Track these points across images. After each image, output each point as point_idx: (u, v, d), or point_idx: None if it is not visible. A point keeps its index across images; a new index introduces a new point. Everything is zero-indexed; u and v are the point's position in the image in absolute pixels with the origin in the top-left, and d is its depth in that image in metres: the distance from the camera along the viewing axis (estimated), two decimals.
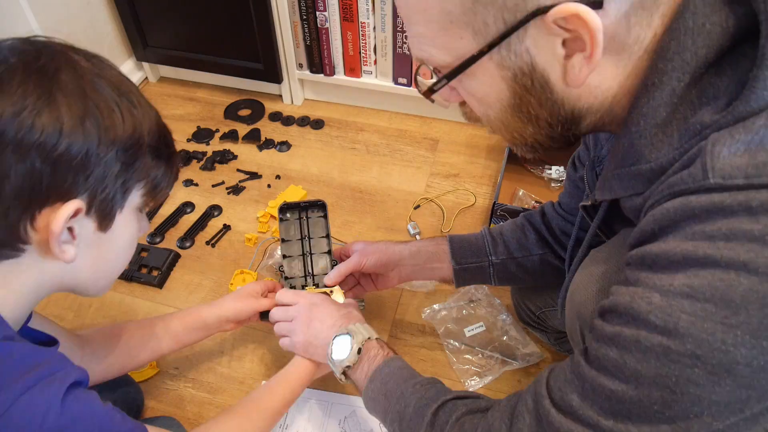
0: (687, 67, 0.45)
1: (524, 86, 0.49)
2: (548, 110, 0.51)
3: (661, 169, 0.47)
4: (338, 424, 0.99)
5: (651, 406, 0.44)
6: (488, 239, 0.93)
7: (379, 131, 1.57)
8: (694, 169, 0.43)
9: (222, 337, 1.12)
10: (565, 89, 0.49)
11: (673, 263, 0.43)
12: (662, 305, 0.43)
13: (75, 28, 1.50)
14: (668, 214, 0.44)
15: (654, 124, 0.47)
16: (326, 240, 1.03)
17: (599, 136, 0.71)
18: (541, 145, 0.57)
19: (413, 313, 1.15)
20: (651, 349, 0.43)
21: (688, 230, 0.43)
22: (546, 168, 1.38)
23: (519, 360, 1.05)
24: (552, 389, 0.52)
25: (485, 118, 0.56)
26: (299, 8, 1.43)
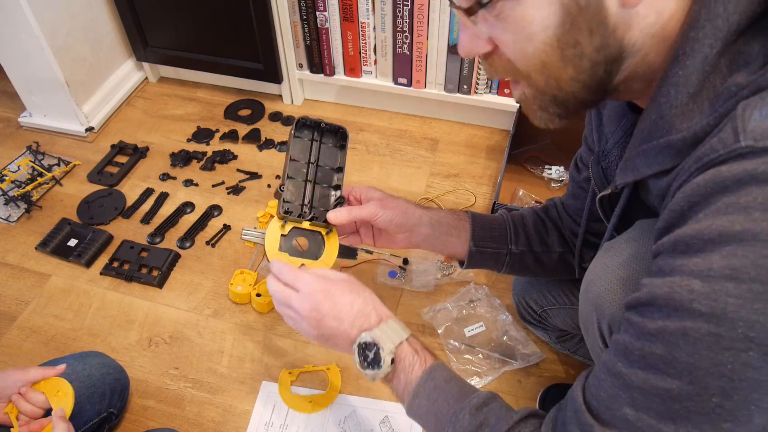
0: (718, 33, 0.44)
1: (579, 5, 0.45)
2: (598, 40, 0.47)
3: (693, 137, 0.46)
4: (338, 424, 0.99)
5: (710, 399, 0.42)
6: (510, 226, 0.87)
7: (379, 131, 1.57)
8: (725, 134, 0.41)
9: (222, 338, 1.12)
10: (619, 12, 0.46)
11: (709, 243, 0.41)
12: (705, 291, 0.41)
13: (75, 28, 1.50)
14: (698, 189, 0.42)
15: (685, 93, 0.46)
16: (337, 174, 0.90)
17: (604, 131, 0.69)
18: (574, 97, 0.52)
19: (413, 313, 1.15)
20: (701, 339, 0.41)
21: (720, 204, 0.41)
22: (546, 168, 1.38)
23: (519, 360, 1.05)
24: (597, 411, 0.49)
25: (522, 57, 0.50)
26: (299, 8, 1.43)
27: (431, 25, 1.36)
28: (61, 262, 1.28)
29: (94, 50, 1.58)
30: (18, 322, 1.17)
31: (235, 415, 1.02)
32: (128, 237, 1.31)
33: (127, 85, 1.71)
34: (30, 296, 1.22)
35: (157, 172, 1.47)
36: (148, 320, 1.17)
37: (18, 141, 1.58)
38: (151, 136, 1.58)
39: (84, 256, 1.26)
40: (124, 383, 0.99)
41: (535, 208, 0.91)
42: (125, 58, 1.72)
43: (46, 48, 1.41)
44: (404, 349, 0.67)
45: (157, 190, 1.43)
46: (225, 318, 1.16)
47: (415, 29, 1.38)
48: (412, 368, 0.66)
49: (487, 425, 0.58)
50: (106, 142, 1.56)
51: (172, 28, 1.59)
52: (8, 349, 1.13)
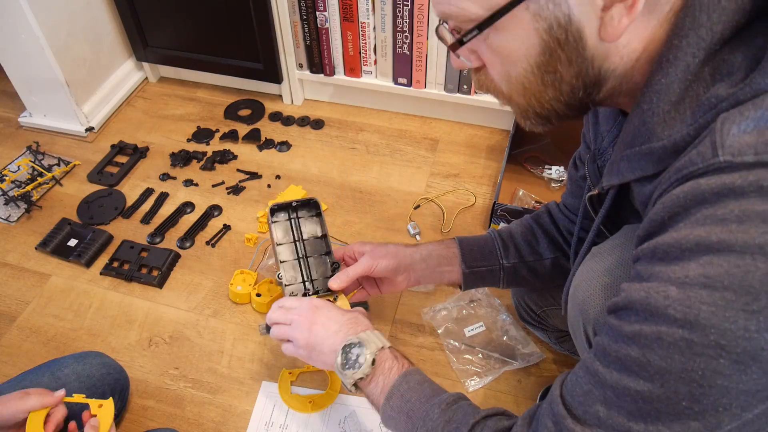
0: (702, 43, 0.44)
1: (557, 40, 0.48)
2: (575, 69, 0.49)
3: (673, 146, 0.47)
4: (338, 424, 0.99)
5: (679, 402, 0.43)
6: (498, 242, 0.90)
7: (379, 131, 1.57)
8: (704, 148, 0.42)
9: (222, 338, 1.12)
10: (597, 45, 0.48)
11: (686, 252, 0.42)
12: (680, 298, 0.42)
13: (75, 28, 1.50)
14: (678, 201, 0.43)
15: (667, 101, 0.47)
16: (324, 240, 0.97)
17: (600, 130, 0.70)
18: (555, 113, 0.55)
19: (413, 313, 1.15)
20: (674, 344, 0.42)
21: (699, 216, 0.42)
22: (546, 168, 1.38)
23: (519, 360, 1.05)
24: (571, 405, 0.50)
25: (505, 80, 0.53)
26: (299, 8, 1.43)
27: (431, 25, 1.36)
28: (61, 262, 1.28)
29: (94, 50, 1.58)
30: (18, 322, 1.17)
31: (235, 415, 1.02)
32: (128, 237, 1.31)
33: (127, 85, 1.71)
34: (30, 296, 1.22)
35: (157, 172, 1.47)
36: (148, 320, 1.17)
37: (18, 141, 1.58)
38: (151, 136, 1.58)
39: (84, 256, 1.26)
40: (124, 383, 0.99)
41: (525, 219, 0.93)
42: (125, 58, 1.72)
43: (46, 48, 1.41)
44: (385, 353, 0.74)
45: (157, 190, 1.43)
46: (225, 318, 1.16)
47: (415, 29, 1.38)
48: (390, 371, 0.73)
49: (455, 421, 0.62)
50: (106, 142, 1.56)
51: (172, 28, 1.59)
52: (8, 349, 1.13)
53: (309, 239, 0.97)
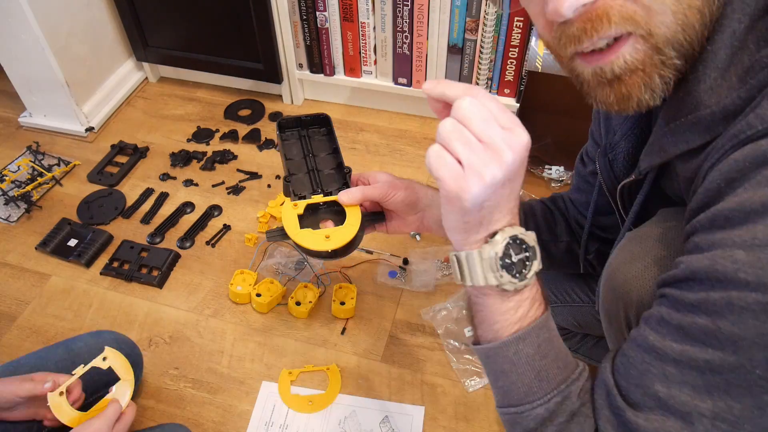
0: (747, 8, 0.44)
1: None
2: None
3: (723, 111, 0.45)
4: (338, 425, 0.99)
5: (753, 370, 0.40)
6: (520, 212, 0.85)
7: (379, 131, 1.57)
8: (762, 110, 0.40)
9: (222, 337, 1.12)
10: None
11: (750, 214, 0.39)
12: (750, 260, 0.39)
13: (75, 28, 1.50)
14: (736, 165, 0.41)
15: (715, 68, 0.45)
16: (333, 156, 0.90)
17: (611, 124, 0.69)
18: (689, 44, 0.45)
19: (413, 313, 1.15)
20: (747, 309, 0.39)
21: (760, 177, 0.39)
22: (546, 168, 1.38)
23: None
24: (627, 391, 0.46)
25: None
26: (299, 8, 1.43)
27: (431, 25, 1.36)
28: (61, 262, 1.28)
29: (94, 50, 1.58)
30: (18, 322, 1.17)
31: (235, 415, 1.02)
32: (128, 237, 1.31)
33: (127, 85, 1.71)
34: (30, 296, 1.22)
35: (157, 172, 1.47)
36: (148, 320, 1.17)
37: (18, 141, 1.58)
38: (151, 136, 1.58)
39: (84, 256, 1.26)
40: (136, 359, 0.99)
41: (542, 199, 0.90)
42: (125, 58, 1.72)
43: (46, 48, 1.41)
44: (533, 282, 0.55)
45: (157, 190, 1.43)
46: (225, 318, 1.16)
47: (415, 29, 1.38)
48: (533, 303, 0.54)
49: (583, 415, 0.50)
50: (106, 142, 1.56)
51: (172, 28, 1.59)
52: (8, 349, 1.13)
53: (320, 155, 0.90)
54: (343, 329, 1.13)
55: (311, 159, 0.90)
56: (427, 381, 1.05)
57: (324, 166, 0.89)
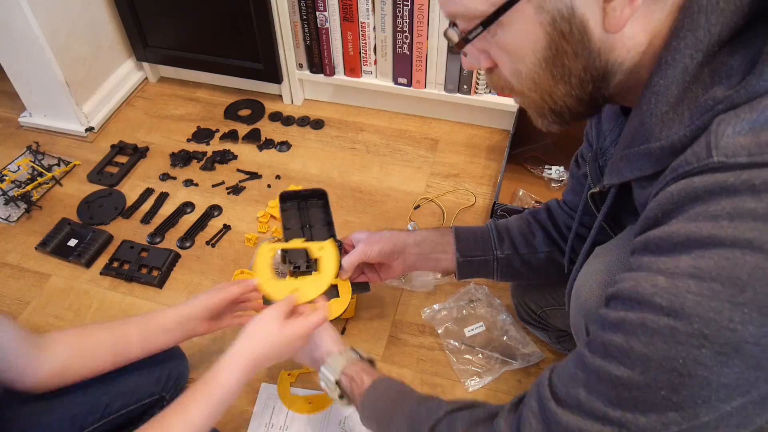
0: (700, 44, 0.44)
1: (562, 33, 0.48)
2: (583, 62, 0.50)
3: (671, 147, 0.47)
4: (338, 425, 0.99)
5: (658, 391, 0.43)
6: (494, 233, 0.91)
7: (379, 131, 1.57)
8: (698, 148, 0.43)
9: (222, 337, 1.12)
10: (602, 36, 0.48)
11: (677, 245, 0.42)
12: (668, 287, 0.42)
13: (75, 28, 1.50)
14: (671, 198, 0.44)
15: (666, 102, 0.47)
16: (327, 228, 1.01)
17: (602, 129, 0.70)
18: (569, 110, 0.55)
19: (413, 313, 1.15)
20: (657, 332, 0.42)
21: (691, 212, 0.42)
22: (546, 168, 1.38)
23: (519, 360, 1.05)
24: (556, 388, 0.51)
25: (516, 76, 0.53)
26: (299, 8, 1.43)
27: (431, 25, 1.36)
28: (61, 262, 1.28)
29: (94, 50, 1.58)
30: (18, 322, 1.17)
31: (235, 416, 1.02)
32: (128, 237, 1.31)
33: (127, 85, 1.71)
34: (30, 296, 1.22)
35: (157, 172, 1.47)
36: None
37: (18, 141, 1.58)
38: (151, 136, 1.58)
39: (84, 256, 1.26)
40: (182, 369, 0.97)
41: (523, 214, 0.94)
42: (125, 58, 1.72)
43: (46, 48, 1.41)
44: (344, 377, 0.79)
45: (157, 190, 1.43)
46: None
47: (415, 29, 1.38)
48: (355, 390, 0.77)
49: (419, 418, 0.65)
50: (106, 142, 1.56)
51: (172, 28, 1.59)
52: None
53: (315, 225, 1.02)
54: (342, 329, 1.13)
55: (308, 230, 1.01)
56: (427, 381, 1.05)
57: (319, 237, 1.01)
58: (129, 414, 0.88)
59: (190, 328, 0.87)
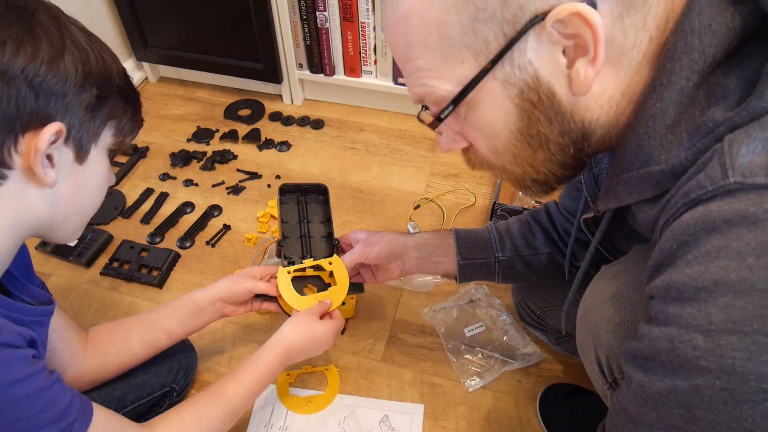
0: (695, 66, 0.44)
1: (532, 102, 0.48)
2: (558, 127, 0.50)
3: (672, 170, 0.46)
4: (338, 425, 0.99)
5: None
6: (495, 235, 0.91)
7: (379, 131, 1.57)
8: (712, 170, 0.41)
9: (222, 337, 1.12)
10: (572, 100, 0.48)
11: (703, 291, 0.40)
12: (710, 347, 0.40)
13: None
14: (687, 229, 0.42)
15: (663, 124, 0.46)
16: (326, 224, 1.00)
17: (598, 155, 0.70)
18: (553, 175, 0.54)
19: (413, 313, 1.15)
20: (715, 396, 0.40)
21: (710, 247, 0.40)
22: None
23: (519, 360, 1.05)
24: None
25: (493, 152, 0.54)
26: (299, 8, 1.43)
27: None
28: (61, 262, 1.28)
29: None
30: None
31: None
32: (128, 237, 1.31)
33: None
34: None
35: (157, 172, 1.47)
36: None
37: None
38: (151, 136, 1.58)
39: (84, 256, 1.26)
40: (191, 361, 1.01)
41: (523, 215, 0.93)
42: (125, 58, 1.72)
43: None
44: None
45: (157, 190, 1.43)
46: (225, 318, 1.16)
47: None
48: None
49: None
50: None
51: (172, 28, 1.59)
52: None
53: (313, 221, 1.01)
54: (343, 329, 1.13)
55: (305, 225, 1.00)
56: (427, 381, 1.05)
57: (316, 233, 1.00)
58: (140, 407, 0.89)
59: (218, 309, 0.93)
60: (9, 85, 0.51)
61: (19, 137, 0.53)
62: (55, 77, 0.54)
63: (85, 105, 0.57)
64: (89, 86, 0.57)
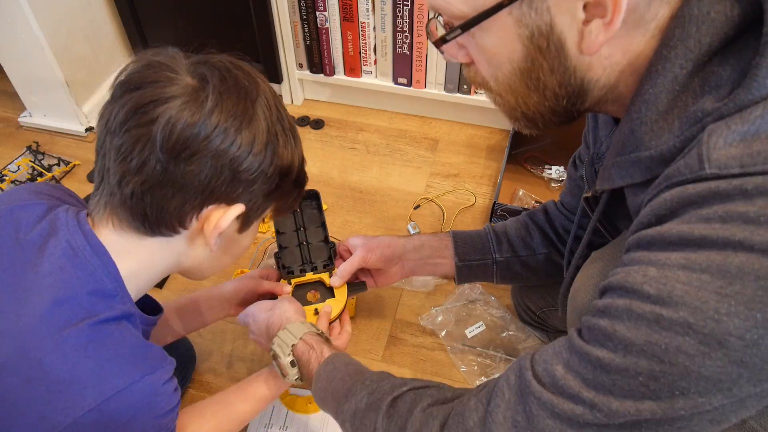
0: (690, 54, 0.45)
1: (539, 48, 0.48)
2: (558, 78, 0.50)
3: (660, 156, 0.47)
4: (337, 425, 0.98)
5: (636, 377, 0.43)
6: (492, 237, 0.91)
7: (379, 131, 1.57)
8: (690, 160, 0.43)
9: (222, 337, 1.12)
10: (578, 56, 0.49)
11: (670, 243, 0.43)
12: (657, 276, 0.42)
13: (75, 28, 1.50)
14: (665, 204, 0.44)
15: (655, 111, 0.47)
16: (321, 229, 1.01)
17: (599, 134, 0.71)
18: (541, 117, 0.56)
19: (413, 313, 1.15)
20: (642, 317, 0.43)
21: (684, 216, 0.43)
22: (546, 168, 1.38)
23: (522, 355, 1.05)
24: (536, 362, 0.51)
25: (492, 79, 0.54)
26: (299, 8, 1.43)
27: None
28: None
29: (94, 50, 1.58)
30: None
31: None
32: None
33: None
34: None
35: None
36: None
37: (18, 141, 1.58)
38: None
39: None
40: (191, 356, 1.03)
41: (521, 216, 0.94)
42: (125, 58, 1.72)
43: (46, 48, 1.41)
44: (299, 347, 0.74)
45: None
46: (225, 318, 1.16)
47: (415, 29, 1.38)
48: (309, 362, 0.73)
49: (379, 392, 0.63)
50: None
51: (172, 28, 1.59)
52: None
53: (310, 227, 1.02)
54: None
55: (302, 232, 1.01)
56: None
57: (313, 238, 1.01)
58: None
59: (226, 308, 0.94)
60: (217, 164, 0.55)
61: (204, 209, 0.58)
62: (254, 166, 0.58)
63: (265, 190, 0.60)
64: (276, 175, 0.60)
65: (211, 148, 0.55)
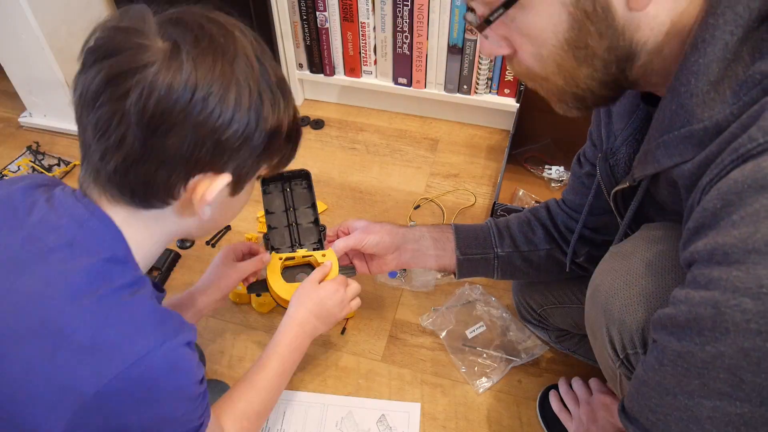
0: (740, 20, 0.44)
1: (585, 12, 0.47)
2: (607, 42, 0.49)
3: (716, 127, 0.45)
4: (335, 426, 0.98)
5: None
6: (494, 231, 0.90)
7: (379, 131, 1.57)
8: (764, 122, 0.40)
9: (222, 337, 1.12)
10: (626, 15, 0.47)
11: (752, 254, 0.38)
12: (759, 310, 0.38)
13: (75, 28, 1.50)
14: (735, 186, 0.40)
15: (706, 81, 0.45)
16: (311, 210, 1.00)
17: (612, 128, 0.69)
18: (591, 93, 0.54)
19: (413, 313, 1.15)
20: (764, 358, 0.39)
21: (758, 206, 0.38)
22: (546, 168, 1.38)
23: (523, 355, 1.05)
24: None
25: (538, 60, 0.53)
26: (299, 8, 1.43)
27: (431, 25, 1.36)
28: None
29: None
30: None
31: None
32: None
33: None
34: None
35: None
36: None
37: (18, 141, 1.58)
38: None
39: None
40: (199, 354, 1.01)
41: (523, 212, 0.93)
42: None
43: (46, 48, 1.41)
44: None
45: None
46: (225, 318, 1.16)
47: (415, 29, 1.38)
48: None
49: None
50: None
51: None
52: None
53: (299, 207, 1.01)
54: (343, 329, 1.13)
55: (291, 212, 0.99)
56: (427, 381, 1.04)
57: (303, 219, 0.99)
58: None
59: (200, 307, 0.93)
60: (198, 133, 0.53)
61: (190, 178, 0.56)
62: (237, 133, 0.55)
63: (253, 154, 0.59)
64: (262, 139, 0.58)
65: (190, 120, 0.52)
